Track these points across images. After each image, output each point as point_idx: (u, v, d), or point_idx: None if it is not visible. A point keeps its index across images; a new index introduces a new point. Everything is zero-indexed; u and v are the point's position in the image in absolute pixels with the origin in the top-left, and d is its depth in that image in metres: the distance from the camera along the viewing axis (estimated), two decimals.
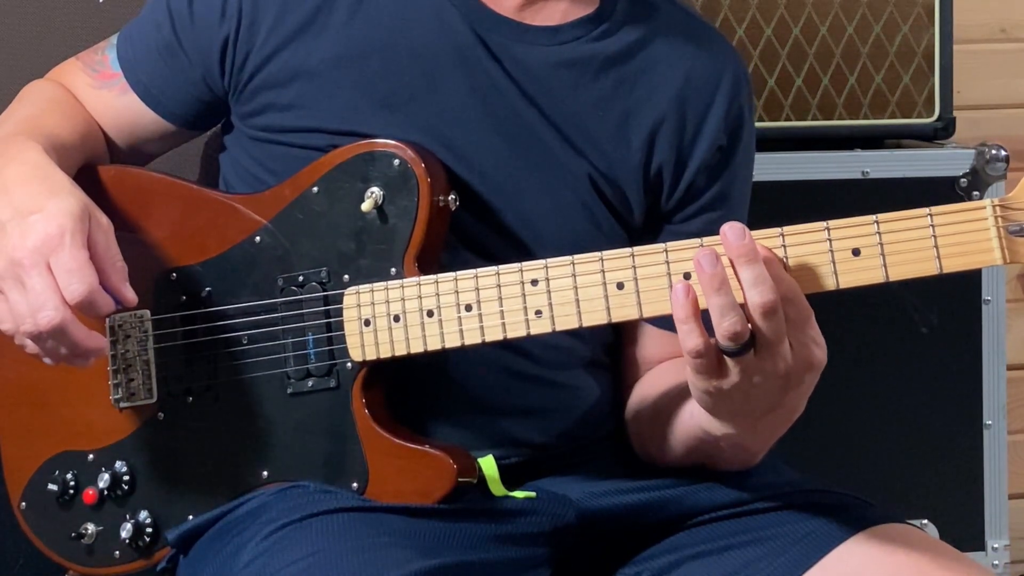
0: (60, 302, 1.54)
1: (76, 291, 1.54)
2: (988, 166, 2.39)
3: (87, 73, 1.84)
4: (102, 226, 1.61)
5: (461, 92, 1.71)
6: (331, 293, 1.66)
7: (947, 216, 1.44)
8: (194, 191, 1.77)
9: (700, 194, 1.78)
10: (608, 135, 1.74)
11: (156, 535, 1.73)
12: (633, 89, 1.75)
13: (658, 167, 1.75)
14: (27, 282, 1.56)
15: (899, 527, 1.65)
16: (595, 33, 1.75)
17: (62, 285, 1.55)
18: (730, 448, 1.64)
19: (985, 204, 1.43)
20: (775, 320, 1.43)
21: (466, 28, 1.72)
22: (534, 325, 1.57)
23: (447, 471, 1.61)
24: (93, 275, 1.56)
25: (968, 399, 2.42)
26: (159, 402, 1.74)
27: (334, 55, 1.71)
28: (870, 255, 1.45)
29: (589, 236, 1.73)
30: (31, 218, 1.57)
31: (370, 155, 1.67)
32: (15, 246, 1.56)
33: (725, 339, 1.44)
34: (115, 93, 1.82)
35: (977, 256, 1.44)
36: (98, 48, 1.85)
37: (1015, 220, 1.43)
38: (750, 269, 1.43)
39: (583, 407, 1.76)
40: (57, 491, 1.76)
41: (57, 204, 1.58)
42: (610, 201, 1.74)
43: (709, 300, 1.44)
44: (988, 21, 2.88)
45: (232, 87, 1.76)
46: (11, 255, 1.56)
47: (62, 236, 1.56)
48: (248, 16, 1.73)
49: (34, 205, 1.58)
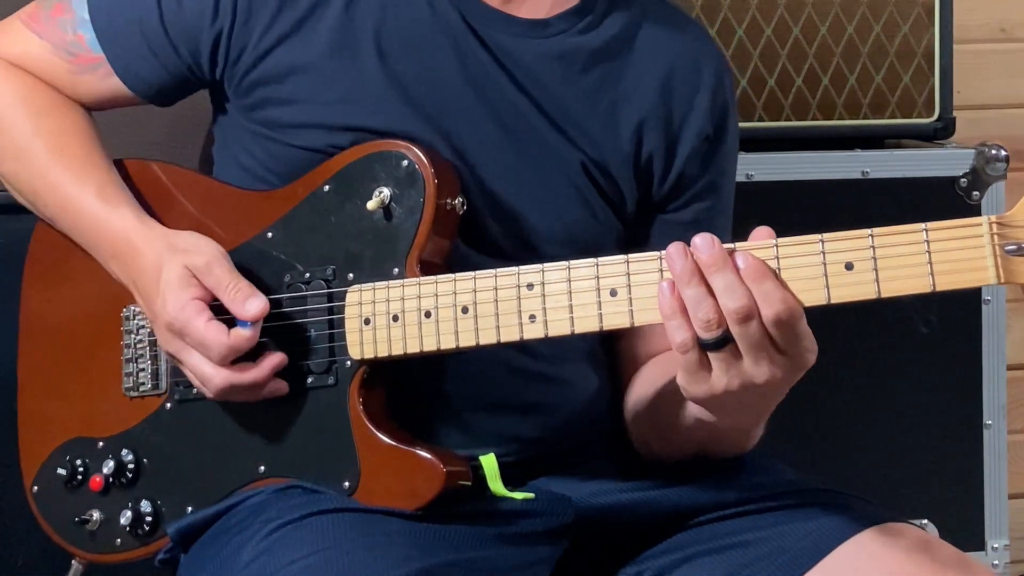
0: (213, 369, 1.65)
1: (216, 356, 1.64)
2: (988, 166, 2.39)
3: (62, 58, 1.81)
4: (202, 269, 1.67)
5: (456, 82, 1.72)
6: (335, 291, 1.67)
7: (943, 232, 1.42)
8: (213, 185, 1.79)
9: (691, 183, 1.79)
10: (598, 125, 1.75)
11: (156, 524, 1.74)
12: (619, 81, 1.77)
13: (648, 157, 1.77)
14: (184, 364, 1.69)
15: (900, 526, 1.65)
16: (580, 26, 1.77)
17: (204, 356, 1.65)
18: (725, 433, 1.66)
19: (982, 221, 1.41)
20: (751, 325, 1.45)
21: (457, 18, 1.73)
22: (528, 330, 1.57)
23: (436, 474, 1.61)
24: (216, 334, 1.64)
25: (968, 399, 2.42)
26: (167, 393, 1.75)
27: (330, 49, 1.71)
28: (863, 269, 1.44)
29: (584, 223, 1.74)
30: (157, 307, 1.68)
31: (380, 155, 1.67)
32: (162, 339, 1.70)
33: (701, 329, 1.46)
34: (98, 77, 1.80)
35: (971, 275, 1.41)
36: (62, 21, 1.81)
37: (1013, 239, 1.40)
38: (721, 277, 1.45)
39: (582, 402, 1.76)
40: (66, 476, 1.79)
41: (164, 286, 1.67)
42: (603, 189, 1.76)
43: (683, 293, 1.46)
44: (988, 21, 2.89)
45: (227, 80, 1.76)
46: (164, 347, 1.71)
47: (175, 319, 1.66)
48: (243, 13, 1.72)
49: (153, 294, 1.69)
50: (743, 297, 1.44)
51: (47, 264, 1.84)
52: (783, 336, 1.46)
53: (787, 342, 1.46)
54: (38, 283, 1.86)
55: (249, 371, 1.65)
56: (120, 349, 1.78)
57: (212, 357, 1.64)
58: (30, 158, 1.79)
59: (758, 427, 1.66)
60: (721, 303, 1.45)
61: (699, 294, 1.46)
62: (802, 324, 1.47)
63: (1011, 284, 1.40)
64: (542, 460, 1.74)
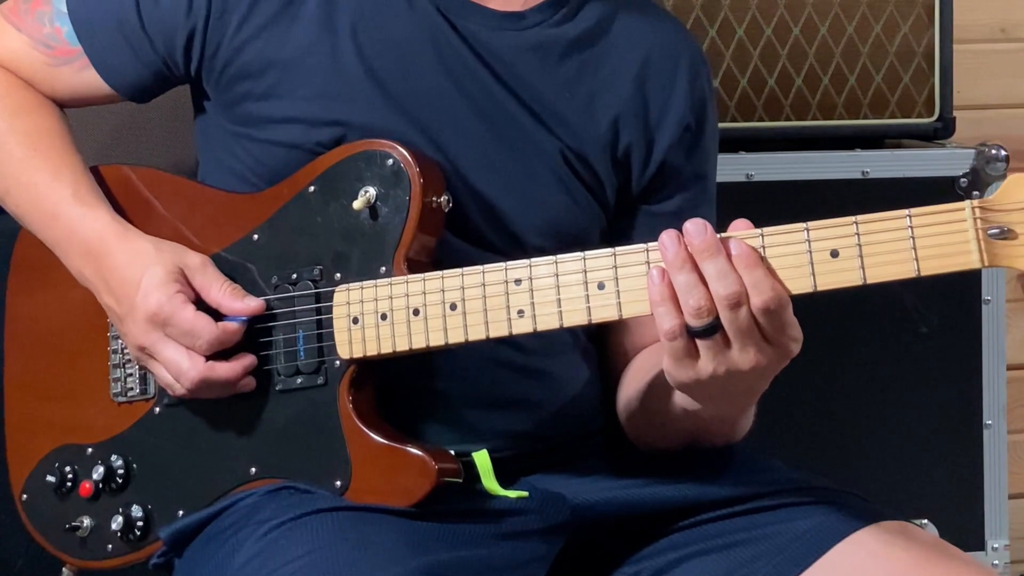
0: (191, 361, 1.66)
1: (201, 346, 1.65)
2: (988, 166, 2.39)
3: (39, 51, 1.81)
4: (195, 267, 1.69)
5: (436, 75, 1.72)
6: (322, 291, 1.67)
7: (926, 218, 1.43)
8: (196, 188, 1.78)
9: (675, 173, 1.80)
10: (576, 115, 1.76)
11: (147, 529, 1.74)
12: (596, 72, 1.77)
13: (626, 148, 1.78)
14: (159, 357, 1.68)
15: (899, 524, 1.64)
16: (556, 18, 1.78)
17: (187, 346, 1.66)
18: (712, 423, 1.66)
19: (964, 206, 1.42)
20: (741, 311, 1.45)
21: (435, 12, 1.74)
22: (516, 325, 1.57)
23: (428, 471, 1.61)
24: (207, 323, 1.66)
25: (968, 399, 2.42)
26: (155, 397, 1.75)
27: (308, 43, 1.72)
28: (848, 256, 1.45)
29: (567, 212, 1.75)
30: (136, 301, 1.68)
31: (365, 155, 1.67)
32: (134, 333, 1.69)
33: (691, 316, 1.46)
34: (74, 70, 1.81)
35: (955, 259, 1.42)
36: (41, 13, 1.81)
37: (996, 222, 1.41)
38: (712, 263, 1.46)
39: (572, 395, 1.76)
40: (55, 483, 1.79)
41: (148, 280, 1.67)
42: (583, 178, 1.76)
43: (675, 279, 1.47)
44: (988, 21, 2.89)
45: (206, 75, 1.76)
46: (134, 342, 1.70)
47: (161, 309, 1.66)
48: (219, 6, 1.73)
49: (132, 291, 1.68)
50: (735, 283, 1.45)
51: (32, 269, 1.83)
52: (770, 324, 1.47)
53: (774, 330, 1.47)
54: (23, 288, 1.86)
55: (223, 368, 1.66)
56: (107, 354, 1.78)
57: (198, 346, 1.65)
58: (4, 156, 1.79)
59: (744, 417, 1.67)
60: (712, 289, 1.46)
61: (691, 280, 1.46)
62: (788, 313, 1.47)
63: (995, 267, 1.41)
64: (534, 455, 1.74)
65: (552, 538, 1.69)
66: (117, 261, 1.71)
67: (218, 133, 1.78)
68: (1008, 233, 1.40)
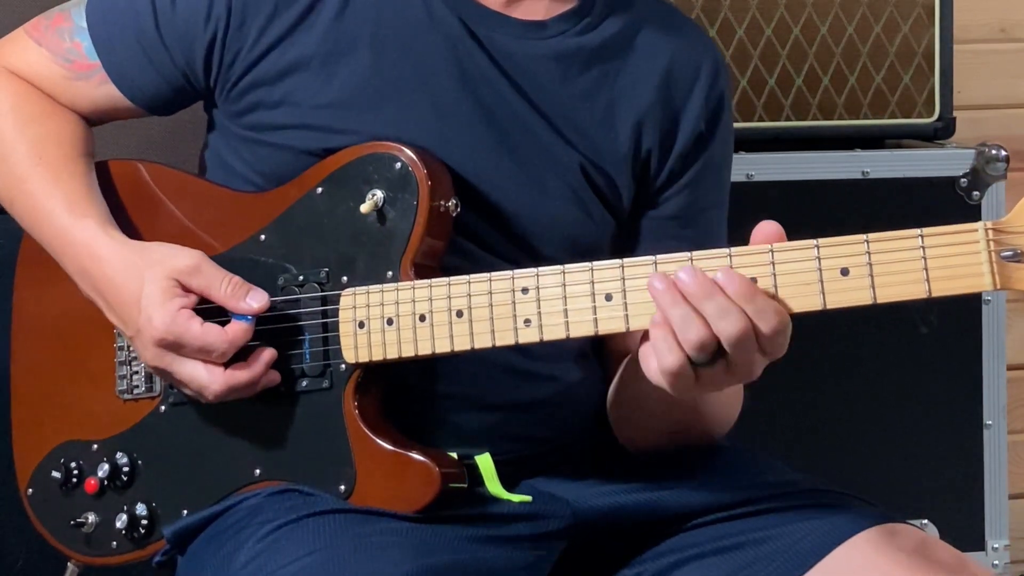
0: (210, 375, 1.65)
1: (216, 357, 1.65)
2: (988, 166, 2.39)
3: (59, 64, 1.81)
4: (189, 270, 1.67)
5: (452, 84, 1.72)
6: (329, 294, 1.66)
7: (939, 238, 1.41)
8: (204, 186, 1.78)
9: (679, 178, 1.79)
10: (595, 125, 1.75)
11: (151, 527, 1.74)
12: (617, 81, 1.77)
13: (646, 154, 1.77)
14: (178, 376, 1.67)
15: (900, 527, 1.64)
16: (579, 27, 1.77)
17: (202, 360, 1.65)
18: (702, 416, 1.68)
19: (978, 227, 1.40)
20: (748, 343, 1.45)
21: (455, 20, 1.73)
22: (523, 334, 1.57)
23: (432, 479, 1.61)
24: (217, 333, 1.64)
25: (968, 399, 2.42)
26: (161, 395, 1.75)
27: (324, 51, 1.71)
28: (859, 275, 1.43)
29: (580, 224, 1.74)
30: (141, 324, 1.67)
31: (373, 157, 1.67)
32: (147, 357, 1.69)
33: (692, 350, 1.46)
34: (93, 84, 1.80)
35: (967, 280, 1.40)
36: (61, 29, 1.82)
37: (1009, 245, 1.39)
38: (711, 303, 1.45)
39: (574, 399, 1.76)
40: (61, 478, 1.79)
41: (146, 302, 1.66)
42: (600, 190, 1.76)
43: (670, 315, 1.46)
44: (988, 21, 2.89)
45: (220, 85, 1.75)
46: (150, 363, 1.69)
47: (168, 332, 1.65)
48: (238, 16, 1.72)
49: (134, 312, 1.67)
50: (739, 319, 1.44)
51: (39, 266, 1.82)
52: (773, 342, 1.47)
53: (776, 346, 1.47)
54: (30, 285, 1.86)
55: (244, 370, 1.65)
56: (113, 351, 1.78)
57: (214, 358, 1.64)
58: (11, 166, 1.79)
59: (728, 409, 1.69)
60: (717, 330, 1.45)
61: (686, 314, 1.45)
62: (790, 328, 1.48)
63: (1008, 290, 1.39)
64: (537, 458, 1.74)
65: (554, 541, 1.70)
66: (107, 273, 1.70)
67: (225, 138, 1.78)
68: (1021, 256, 1.39)
